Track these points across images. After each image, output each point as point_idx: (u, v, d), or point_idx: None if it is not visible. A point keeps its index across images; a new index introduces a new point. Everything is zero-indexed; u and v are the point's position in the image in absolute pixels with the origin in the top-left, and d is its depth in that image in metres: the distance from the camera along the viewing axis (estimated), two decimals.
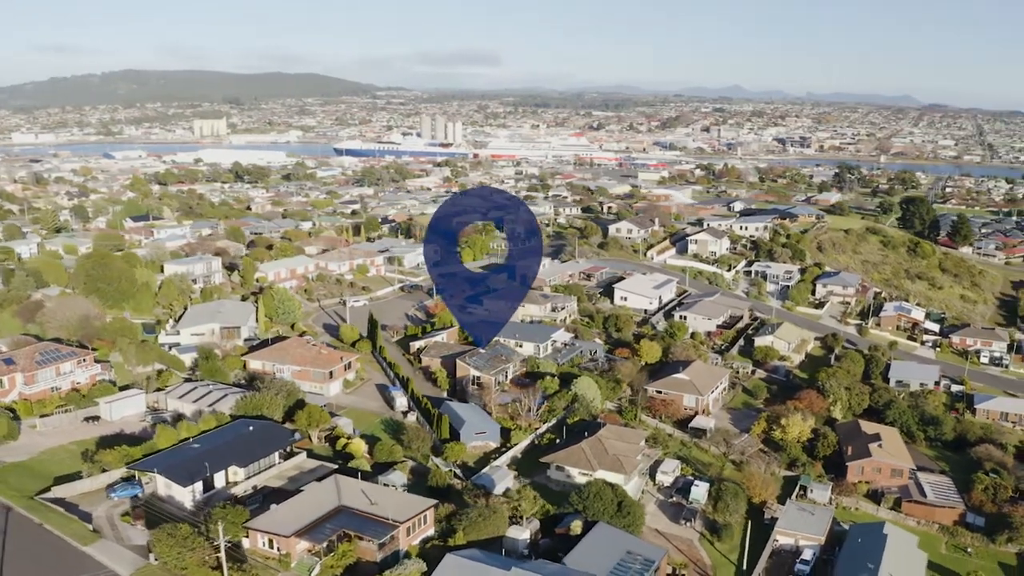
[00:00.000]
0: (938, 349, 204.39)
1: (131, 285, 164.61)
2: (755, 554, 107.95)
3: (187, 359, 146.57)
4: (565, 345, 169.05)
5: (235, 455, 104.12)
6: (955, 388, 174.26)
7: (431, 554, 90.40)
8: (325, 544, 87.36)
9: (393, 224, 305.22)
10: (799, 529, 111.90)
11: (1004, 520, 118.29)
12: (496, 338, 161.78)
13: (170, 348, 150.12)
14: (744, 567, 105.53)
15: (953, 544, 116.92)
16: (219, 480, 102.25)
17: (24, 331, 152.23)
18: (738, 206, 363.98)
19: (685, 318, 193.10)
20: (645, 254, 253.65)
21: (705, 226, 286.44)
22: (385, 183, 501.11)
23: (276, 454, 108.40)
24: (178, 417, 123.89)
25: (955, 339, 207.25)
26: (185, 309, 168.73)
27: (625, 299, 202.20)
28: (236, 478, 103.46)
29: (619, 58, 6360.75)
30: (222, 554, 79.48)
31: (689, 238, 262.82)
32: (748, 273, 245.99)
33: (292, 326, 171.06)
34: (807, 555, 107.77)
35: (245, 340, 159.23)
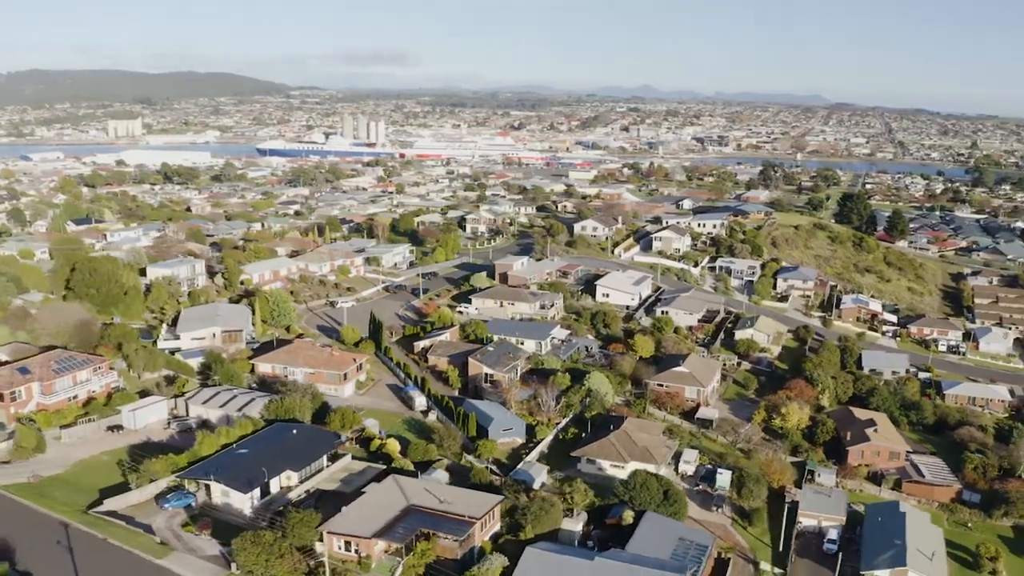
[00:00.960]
0: (898, 339, 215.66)
1: (120, 289, 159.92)
2: (780, 536, 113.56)
3: (193, 364, 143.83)
4: (563, 342, 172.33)
5: (288, 459, 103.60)
6: (922, 375, 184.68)
7: (505, 549, 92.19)
8: (404, 544, 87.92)
9: (352, 224, 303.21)
10: (821, 511, 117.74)
11: (997, 496, 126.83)
12: (499, 336, 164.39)
13: (172, 353, 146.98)
14: (780, 549, 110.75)
15: (954, 520, 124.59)
16: (273, 485, 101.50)
17: (13, 339, 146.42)
18: (687, 204, 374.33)
19: (667, 313, 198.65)
20: (613, 252, 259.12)
21: (664, 223, 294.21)
22: (319, 183, 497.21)
23: (324, 457, 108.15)
24: (203, 423, 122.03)
25: (912, 329, 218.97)
26: (178, 313, 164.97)
27: (607, 296, 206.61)
28: (289, 482, 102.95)
29: (530, 58, 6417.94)
30: (326, 559, 79.56)
31: (653, 235, 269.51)
32: (712, 269, 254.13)
33: (287, 329, 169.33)
34: (832, 535, 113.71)
35: (246, 344, 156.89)
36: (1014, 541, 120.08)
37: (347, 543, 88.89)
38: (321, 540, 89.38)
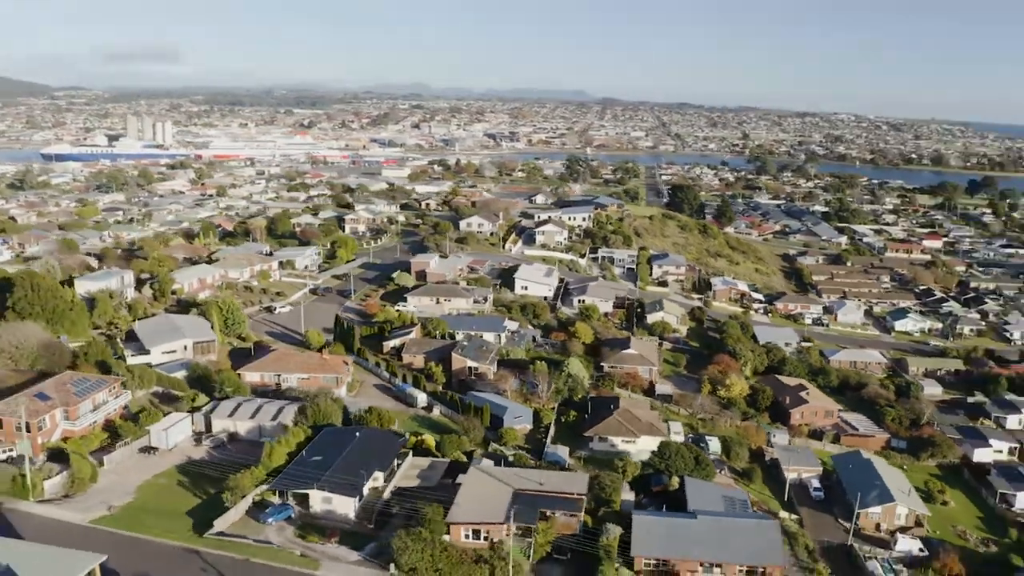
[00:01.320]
0: (770, 315, 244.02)
1: (65, 305, 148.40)
2: (773, 488, 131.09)
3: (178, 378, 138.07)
4: (514, 333, 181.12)
5: (372, 461, 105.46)
6: (804, 345, 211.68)
7: (606, 519, 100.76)
8: (534, 525, 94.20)
9: (221, 229, 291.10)
10: (800, 464, 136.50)
11: (923, 441, 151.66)
12: (462, 331, 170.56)
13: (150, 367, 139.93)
14: (786, 499, 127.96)
15: (890, 464, 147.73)
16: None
17: None
18: (539, 199, 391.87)
19: (584, 302, 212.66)
20: (504, 246, 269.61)
21: (536, 218, 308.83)
22: (132, 188, 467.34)
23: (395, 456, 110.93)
24: (231, 437, 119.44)
25: (779, 305, 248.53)
26: (130, 328, 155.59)
27: (526, 288, 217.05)
28: (376, 483, 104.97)
29: (299, 55, 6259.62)
30: (509, 551, 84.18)
31: (536, 230, 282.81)
32: (595, 259, 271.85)
33: (240, 337, 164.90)
34: (815, 483, 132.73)
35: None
36: (942, 477, 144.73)
37: (475, 531, 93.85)
38: (448, 532, 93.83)
